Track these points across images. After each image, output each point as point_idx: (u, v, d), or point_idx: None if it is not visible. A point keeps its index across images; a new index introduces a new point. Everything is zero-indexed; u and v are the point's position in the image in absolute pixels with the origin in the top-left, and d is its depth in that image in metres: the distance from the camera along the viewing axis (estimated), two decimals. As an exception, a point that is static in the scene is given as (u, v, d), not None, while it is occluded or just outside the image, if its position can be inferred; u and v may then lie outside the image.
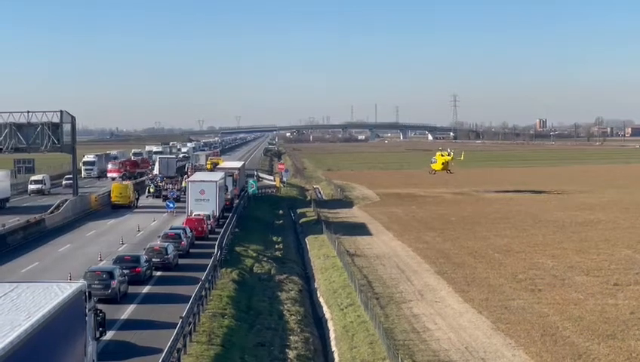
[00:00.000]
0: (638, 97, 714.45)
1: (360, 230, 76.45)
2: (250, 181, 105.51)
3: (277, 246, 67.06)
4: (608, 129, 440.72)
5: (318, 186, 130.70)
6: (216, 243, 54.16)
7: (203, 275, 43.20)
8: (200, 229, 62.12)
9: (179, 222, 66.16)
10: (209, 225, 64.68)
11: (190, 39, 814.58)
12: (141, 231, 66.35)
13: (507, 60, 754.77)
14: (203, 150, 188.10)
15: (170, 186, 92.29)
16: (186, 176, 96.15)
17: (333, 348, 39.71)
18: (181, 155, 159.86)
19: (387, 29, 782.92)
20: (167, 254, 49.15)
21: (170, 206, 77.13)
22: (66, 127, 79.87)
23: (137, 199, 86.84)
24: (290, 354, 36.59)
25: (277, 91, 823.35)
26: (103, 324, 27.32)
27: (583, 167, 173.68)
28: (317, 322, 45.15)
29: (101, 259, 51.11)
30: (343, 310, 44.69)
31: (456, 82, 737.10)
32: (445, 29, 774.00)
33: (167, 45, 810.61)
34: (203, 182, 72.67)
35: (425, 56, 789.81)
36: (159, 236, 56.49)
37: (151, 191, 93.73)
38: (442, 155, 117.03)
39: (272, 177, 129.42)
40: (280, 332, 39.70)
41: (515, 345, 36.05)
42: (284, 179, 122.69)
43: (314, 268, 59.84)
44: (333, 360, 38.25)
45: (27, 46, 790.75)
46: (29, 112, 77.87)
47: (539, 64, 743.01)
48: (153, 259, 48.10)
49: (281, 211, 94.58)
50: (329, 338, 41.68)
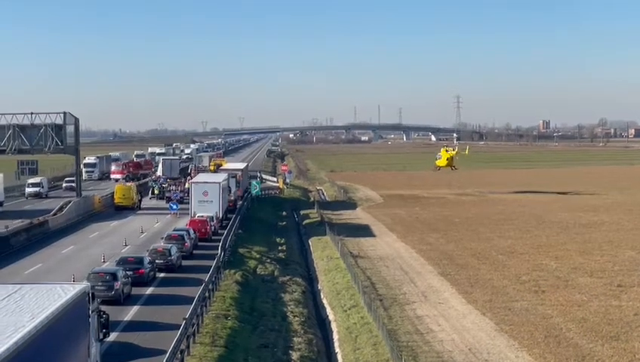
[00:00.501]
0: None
1: (363, 231, 76.42)
2: (254, 182, 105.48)
3: (280, 248, 67.02)
4: (612, 130, 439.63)
5: (321, 188, 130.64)
6: (220, 244, 54.17)
7: (206, 277, 43.17)
8: (203, 231, 62.13)
9: (182, 223, 66.20)
10: (212, 227, 64.72)
11: (193, 40, 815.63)
12: (144, 232, 66.38)
13: (510, 61, 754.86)
14: (206, 151, 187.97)
15: (173, 188, 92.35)
16: (189, 177, 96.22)
17: (337, 349, 39.67)
18: (184, 157, 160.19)
19: (390, 30, 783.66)
20: (170, 256, 49.14)
21: (174, 207, 77.18)
22: (70, 129, 79.87)
23: (140, 201, 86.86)
24: (294, 355, 36.56)
25: (280, 92, 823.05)
26: (107, 326, 27.33)
27: (586, 169, 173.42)
28: (320, 323, 45.11)
29: (104, 261, 51.11)
30: (346, 311, 44.66)
31: (460, 83, 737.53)
32: (448, 30, 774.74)
33: (171, 46, 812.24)
34: (206, 183, 72.70)
35: (428, 58, 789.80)
36: (162, 237, 56.46)
37: (155, 192, 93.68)
38: (447, 151, 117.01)
39: (275, 178, 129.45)
40: (283, 334, 39.69)
41: (518, 347, 36.02)
42: (288, 180, 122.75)
43: (317, 270, 59.83)
44: (337, 361, 38.24)
45: (30, 47, 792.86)
46: (32, 114, 77.92)
47: (542, 65, 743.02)
48: (156, 261, 48.11)
49: (284, 213, 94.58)
50: (332, 339, 41.64)
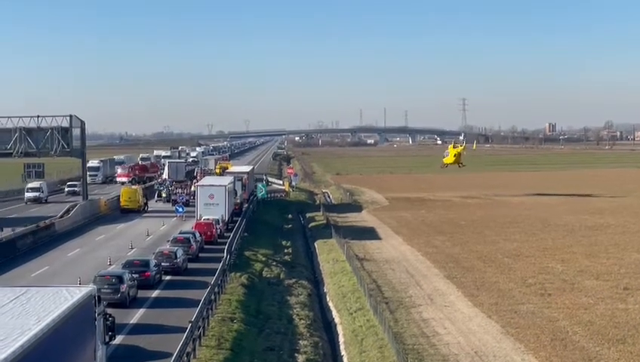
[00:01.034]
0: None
1: (369, 234, 76.40)
2: (259, 185, 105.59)
3: (286, 251, 67.04)
4: (618, 133, 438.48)
5: (327, 190, 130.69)
6: (226, 247, 54.18)
7: (212, 279, 43.18)
8: (209, 233, 62.16)
9: (188, 226, 66.24)
10: (218, 230, 64.75)
11: (200, 43, 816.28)
12: (150, 235, 66.44)
13: (516, 64, 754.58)
14: (212, 154, 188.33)
15: (179, 191, 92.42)
16: (195, 180, 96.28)
17: (343, 352, 39.65)
18: (190, 160, 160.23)
19: (396, 33, 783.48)
20: (176, 258, 49.16)
21: (180, 210, 77.26)
22: (76, 132, 80.00)
23: (146, 203, 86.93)
24: (300, 358, 36.56)
25: (286, 95, 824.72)
26: (113, 328, 27.35)
27: (592, 171, 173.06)
28: (326, 326, 45.10)
29: (110, 264, 51.20)
30: (352, 314, 44.64)
31: (466, 86, 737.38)
32: (454, 33, 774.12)
33: (177, 49, 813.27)
34: (212, 186, 72.76)
35: (434, 60, 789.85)
36: (168, 240, 56.56)
37: (163, 195, 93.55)
38: (455, 147, 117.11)
39: (281, 181, 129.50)
40: (289, 337, 39.68)
41: (524, 350, 35.96)
42: (294, 183, 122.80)
43: (323, 273, 59.80)
44: (343, 364, 38.23)
45: (36, 50, 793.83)
46: (38, 117, 78.06)
47: (548, 68, 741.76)
48: (162, 264, 48.12)
49: (290, 215, 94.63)
50: (338, 342, 41.63)
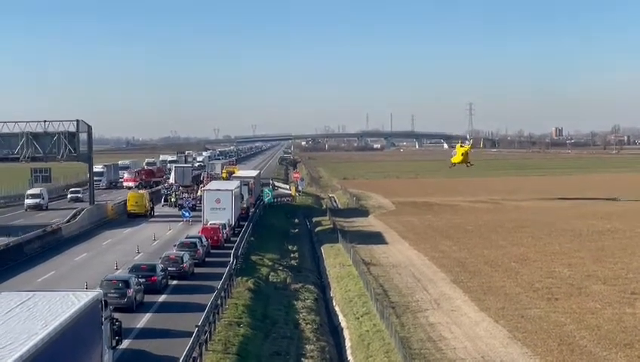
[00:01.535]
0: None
1: (376, 239, 76.38)
2: (266, 190, 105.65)
3: (293, 255, 67.07)
4: (625, 137, 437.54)
5: (333, 195, 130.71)
6: (232, 252, 54.23)
7: (219, 284, 43.23)
8: (216, 238, 62.20)
9: (195, 231, 66.27)
10: (225, 234, 64.77)
11: (206, 48, 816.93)
12: (157, 240, 66.51)
13: (522, 68, 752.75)
14: (219, 159, 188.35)
15: (185, 195, 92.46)
16: (201, 185, 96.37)
17: (349, 357, 39.66)
18: (197, 164, 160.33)
19: (402, 38, 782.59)
20: (182, 263, 49.19)
21: (186, 215, 77.32)
22: (83, 137, 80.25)
23: (153, 208, 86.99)
24: (306, 363, 36.55)
25: (292, 100, 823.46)
26: (119, 333, 27.39)
27: (599, 176, 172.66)
28: (333, 331, 45.09)
29: (117, 268, 51.24)
30: (358, 319, 44.62)
31: (472, 90, 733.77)
32: (460, 37, 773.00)
33: (184, 54, 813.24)
34: (219, 191, 72.83)
35: (440, 65, 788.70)
36: (175, 245, 56.58)
37: (172, 200, 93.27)
38: (462, 146, 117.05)
39: (287, 186, 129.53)
40: (296, 341, 39.67)
41: (531, 355, 35.88)
42: (300, 187, 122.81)
43: (329, 277, 59.80)
44: (349, 369, 38.22)
45: (43, 56, 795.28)
46: (45, 122, 78.31)
47: (554, 72, 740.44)
48: (169, 268, 48.16)
49: (296, 220, 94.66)
50: (345, 347, 41.62)
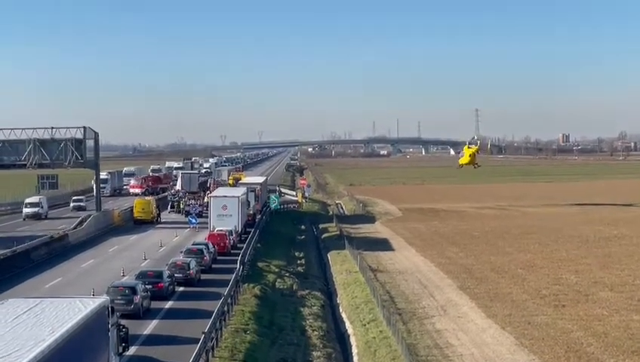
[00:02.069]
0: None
1: (382, 245, 76.33)
2: (273, 196, 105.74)
3: (299, 262, 67.03)
4: (632, 143, 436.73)
5: (340, 201, 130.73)
6: (239, 258, 54.18)
7: (225, 291, 43.20)
8: (222, 245, 62.23)
9: (201, 237, 66.27)
10: (231, 241, 64.78)
11: (213, 55, 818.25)
12: (163, 246, 66.56)
13: (529, 74, 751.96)
14: (225, 165, 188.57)
15: (192, 202, 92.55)
16: (208, 191, 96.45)
17: (356, 363, 39.59)
18: (203, 171, 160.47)
19: (408, 44, 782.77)
20: (189, 269, 49.20)
21: (193, 221, 77.40)
22: (89, 143, 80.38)
23: (159, 214, 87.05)
24: (313, 369, 36.52)
25: (299, 106, 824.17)
26: (126, 340, 27.41)
27: (606, 182, 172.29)
28: (339, 338, 45.03)
29: (124, 275, 51.27)
30: (365, 325, 44.57)
31: (479, 96, 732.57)
32: (467, 43, 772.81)
33: (189, 61, 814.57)
34: (225, 197, 72.87)
35: (447, 71, 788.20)
36: (182, 251, 56.64)
37: (181, 206, 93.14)
38: (469, 147, 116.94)
39: (294, 192, 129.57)
40: (302, 348, 39.63)
41: (538, 362, 35.83)
42: (307, 194, 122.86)
43: (336, 284, 59.76)
44: (356, 376, 38.15)
45: (50, 63, 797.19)
46: (52, 128, 78.48)
47: (561, 78, 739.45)
48: (176, 275, 48.15)
49: (303, 226, 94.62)
50: (351, 354, 41.56)
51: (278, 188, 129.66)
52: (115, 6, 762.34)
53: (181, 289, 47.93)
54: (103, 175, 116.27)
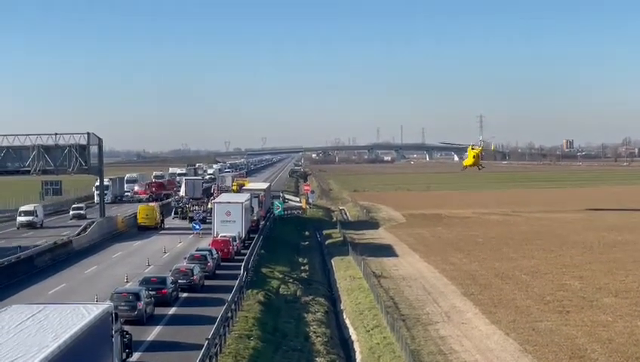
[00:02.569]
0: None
1: (386, 251, 76.28)
2: (276, 202, 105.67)
3: (303, 268, 66.99)
4: (636, 149, 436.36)
5: (344, 207, 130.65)
6: (242, 264, 54.17)
7: (229, 296, 43.16)
8: (226, 251, 62.21)
9: (205, 243, 66.30)
10: (235, 247, 64.79)
11: (217, 61, 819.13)
12: (167, 252, 66.57)
13: (533, 80, 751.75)
14: (229, 171, 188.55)
15: (196, 208, 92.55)
16: (212, 197, 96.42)
17: (360, 370, 39.52)
18: (207, 177, 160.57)
19: (412, 50, 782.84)
20: (193, 275, 49.19)
21: (197, 227, 77.42)
22: (93, 149, 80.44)
23: (163, 221, 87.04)
24: (317, 376, 36.43)
25: (303, 113, 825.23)
26: (130, 346, 27.41)
27: (610, 188, 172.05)
28: (343, 344, 44.96)
29: (127, 281, 51.31)
30: (369, 331, 44.50)
31: (483, 103, 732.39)
32: (471, 49, 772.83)
33: (194, 67, 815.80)
34: (229, 203, 72.88)
35: (451, 77, 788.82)
36: (185, 257, 56.61)
37: (188, 213, 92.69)
38: (473, 149, 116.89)
39: (298, 198, 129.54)
40: (306, 354, 39.54)
41: (543, 368, 35.72)
42: (310, 200, 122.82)
43: (340, 290, 59.66)
44: (360, 382, 38.07)
45: (53, 68, 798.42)
46: (56, 134, 78.62)
47: (565, 84, 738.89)
48: (179, 281, 48.17)
49: (307, 232, 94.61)
50: (355, 360, 41.48)
51: (281, 194, 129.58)
52: (122, 12, 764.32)
53: (185, 295, 47.93)
54: (104, 181, 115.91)
